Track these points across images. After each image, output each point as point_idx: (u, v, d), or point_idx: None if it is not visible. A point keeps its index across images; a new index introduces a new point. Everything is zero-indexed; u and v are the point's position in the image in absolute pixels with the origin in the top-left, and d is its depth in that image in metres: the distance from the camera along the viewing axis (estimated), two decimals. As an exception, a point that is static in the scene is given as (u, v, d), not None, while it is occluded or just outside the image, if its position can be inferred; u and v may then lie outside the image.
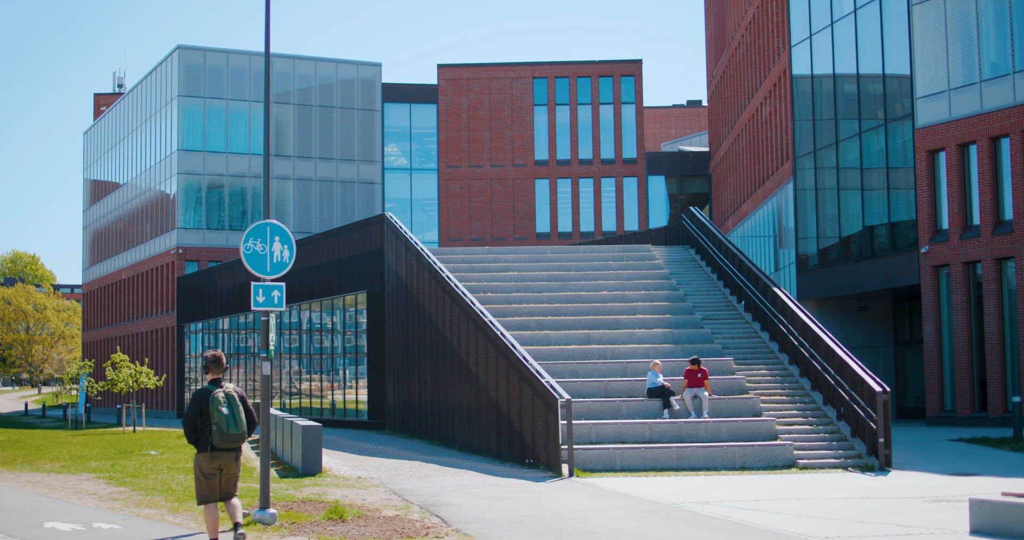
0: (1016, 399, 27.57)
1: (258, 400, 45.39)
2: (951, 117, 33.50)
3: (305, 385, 45.10)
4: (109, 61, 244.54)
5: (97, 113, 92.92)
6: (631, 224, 62.93)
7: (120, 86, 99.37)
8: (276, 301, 14.19)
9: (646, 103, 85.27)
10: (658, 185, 64.56)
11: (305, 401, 44.56)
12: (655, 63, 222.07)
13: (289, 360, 46.24)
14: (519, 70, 64.62)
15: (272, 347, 14.44)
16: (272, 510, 14.15)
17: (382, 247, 37.31)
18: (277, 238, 14.30)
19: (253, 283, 14.17)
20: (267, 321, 14.37)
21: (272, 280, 14.40)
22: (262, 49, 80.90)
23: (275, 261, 14.28)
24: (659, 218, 63.29)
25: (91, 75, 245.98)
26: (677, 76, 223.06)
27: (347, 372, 41.73)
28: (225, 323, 52.62)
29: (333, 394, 42.64)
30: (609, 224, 63.26)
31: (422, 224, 65.22)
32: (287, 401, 45.83)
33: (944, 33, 33.82)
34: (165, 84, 64.83)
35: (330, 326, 43.11)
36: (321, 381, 43.90)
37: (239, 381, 49.89)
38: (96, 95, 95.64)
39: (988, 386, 32.38)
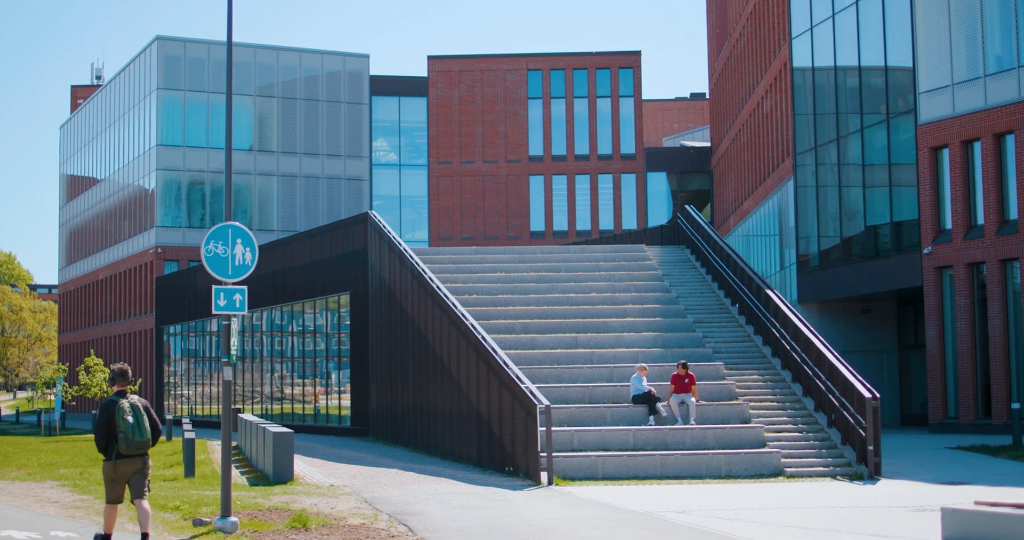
0: (1016, 406, 27.91)
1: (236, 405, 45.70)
2: (954, 113, 33.84)
3: (287, 390, 45.46)
4: (87, 51, 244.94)
5: (74, 106, 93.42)
6: (629, 222, 63.31)
7: (98, 78, 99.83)
8: (238, 305, 14.55)
9: (647, 95, 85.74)
10: (657, 182, 64.93)
11: (287, 406, 44.91)
12: (657, 54, 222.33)
13: (271, 363, 46.60)
14: (513, 62, 64.99)
15: (234, 352, 14.82)
16: (233, 518, 14.51)
17: (366, 247, 37.68)
18: (239, 240, 14.66)
19: (214, 286, 14.54)
20: (228, 325, 14.73)
21: (234, 283, 14.76)
22: (244, 39, 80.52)
23: (237, 264, 14.64)
24: (659, 216, 63.63)
25: (68, 66, 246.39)
26: (680, 67, 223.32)
27: (330, 377, 42.10)
28: (208, 325, 52.97)
29: (316, 399, 43.00)
30: (606, 222, 63.63)
31: (412, 222, 65.62)
32: (269, 407, 46.19)
33: (948, 25, 34.17)
34: (143, 76, 65.21)
35: (312, 328, 43.48)
36: (303, 386, 44.26)
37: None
38: (73, 87, 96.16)
39: (992, 392, 32.72)
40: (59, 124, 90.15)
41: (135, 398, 12.93)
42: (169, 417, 41.53)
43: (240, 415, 32.70)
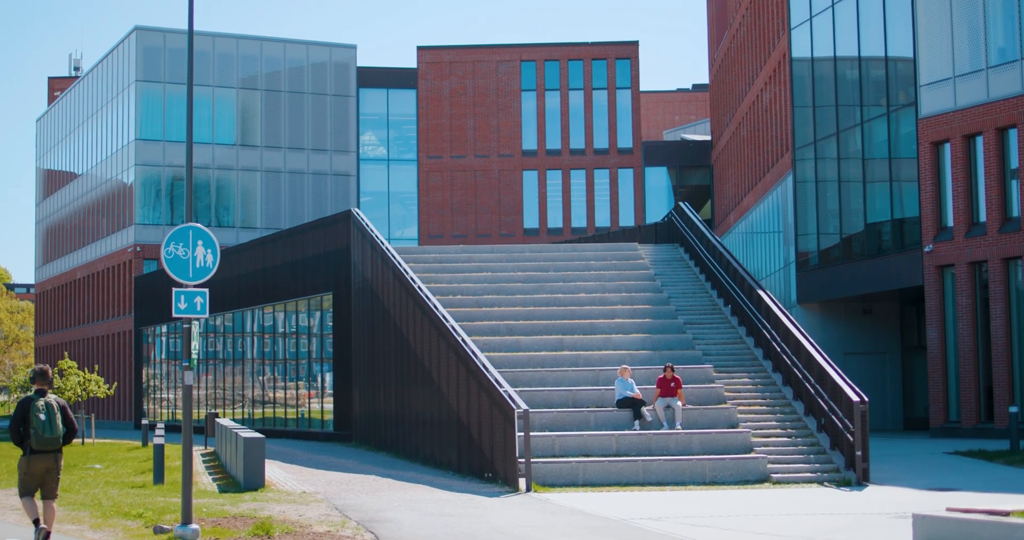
0: (1014, 409, 28.23)
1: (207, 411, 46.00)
2: (956, 106, 34.15)
3: (269, 394, 45.80)
4: (65, 41, 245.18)
5: (51, 98, 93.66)
6: (627, 219, 63.61)
7: (77, 69, 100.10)
8: (199, 308, 14.89)
9: (647, 87, 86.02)
10: (657, 177, 65.20)
11: (269, 411, 45.26)
12: (658, 43, 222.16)
13: (252, 366, 46.93)
14: (505, 52, 65.28)
15: (195, 355, 15.14)
16: (194, 526, 14.82)
17: (348, 246, 38.00)
18: (200, 242, 15.01)
19: (175, 289, 14.87)
20: (189, 328, 15.06)
21: (195, 286, 15.09)
22: (225, 30, 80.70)
23: (198, 266, 14.98)
24: (658, 213, 63.86)
25: (45, 57, 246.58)
26: (682, 58, 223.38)
27: (313, 380, 42.44)
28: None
29: (298, 403, 43.35)
30: (603, 219, 63.92)
31: (401, 219, 65.91)
32: (251, 411, 46.52)
33: (949, 16, 34.47)
34: (122, 68, 65.50)
35: (295, 330, 43.81)
36: (285, 389, 44.60)
37: (207, 388, 50.61)
38: (51, 79, 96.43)
39: (995, 395, 33.02)
40: (36, 117, 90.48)
41: (52, 398, 14.12)
42: (146, 422, 41.83)
43: (217, 420, 33.04)
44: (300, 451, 33.74)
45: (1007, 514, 13.01)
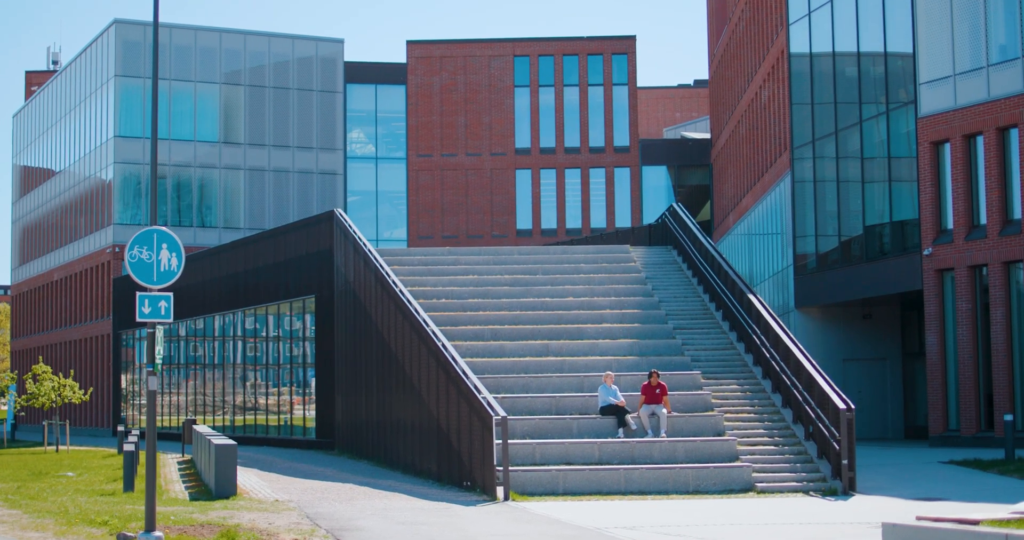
0: (1008, 417, 28.62)
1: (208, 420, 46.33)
2: (956, 105, 34.54)
3: (250, 400, 46.16)
4: (43, 34, 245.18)
5: (28, 93, 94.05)
6: (623, 220, 64.01)
7: (55, 63, 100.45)
8: (163, 312, 15.30)
9: (647, 82, 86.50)
10: (655, 176, 65.61)
11: (250, 418, 45.64)
12: (658, 38, 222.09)
13: (232, 371, 47.30)
14: (498, 47, 65.69)
15: (159, 361, 15.56)
16: (158, 533, 15.21)
17: (331, 247, 38.40)
18: (165, 245, 15.42)
19: (139, 293, 15.28)
20: (153, 333, 15.47)
21: (159, 290, 15.50)
22: (208, 24, 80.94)
23: (162, 270, 15.39)
24: (656, 213, 64.22)
25: (23, 50, 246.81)
26: (683, 53, 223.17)
27: (295, 386, 42.82)
28: (176, 330, 53.64)
29: (280, 410, 43.73)
30: (598, 220, 64.32)
31: (390, 219, 66.33)
32: (232, 418, 46.89)
33: (949, 12, 34.87)
34: (101, 62, 65.90)
35: (277, 334, 44.20)
36: (267, 396, 44.97)
37: (187, 394, 50.99)
38: (28, 73, 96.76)
39: (995, 403, 33.39)
40: (12, 112, 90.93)
41: None
42: (122, 428, 42.17)
43: (194, 427, 33.44)
44: (280, 459, 34.14)
45: (976, 523, 13.41)
